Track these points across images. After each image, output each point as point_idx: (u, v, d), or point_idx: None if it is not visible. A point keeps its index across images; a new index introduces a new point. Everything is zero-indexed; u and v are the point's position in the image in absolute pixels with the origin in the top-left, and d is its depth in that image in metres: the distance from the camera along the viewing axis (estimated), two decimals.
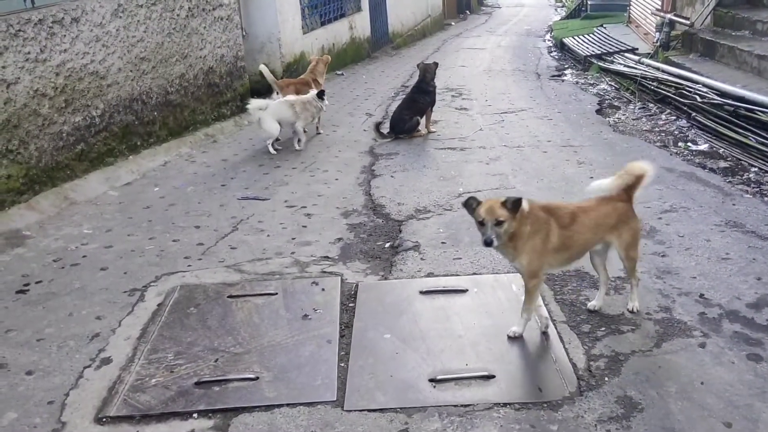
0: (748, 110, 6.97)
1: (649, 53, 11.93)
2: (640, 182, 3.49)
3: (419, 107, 7.79)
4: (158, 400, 3.08)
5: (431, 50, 16.63)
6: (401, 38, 17.44)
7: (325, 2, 12.41)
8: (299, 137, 7.33)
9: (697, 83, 8.34)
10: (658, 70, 9.92)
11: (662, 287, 3.93)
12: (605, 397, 3.00)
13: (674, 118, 8.10)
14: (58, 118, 5.82)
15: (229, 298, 4.00)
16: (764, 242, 4.49)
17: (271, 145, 7.17)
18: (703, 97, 7.86)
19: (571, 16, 22.74)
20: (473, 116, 8.85)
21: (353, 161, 6.91)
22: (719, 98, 7.56)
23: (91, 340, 3.60)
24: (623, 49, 12.85)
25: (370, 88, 11.23)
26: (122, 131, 6.68)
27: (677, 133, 7.53)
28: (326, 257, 4.57)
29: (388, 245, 4.76)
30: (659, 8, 13.03)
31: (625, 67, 11.12)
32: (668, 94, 8.72)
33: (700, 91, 8.05)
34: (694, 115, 7.76)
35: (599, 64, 12.16)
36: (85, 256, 4.69)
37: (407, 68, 13.11)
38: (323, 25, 12.30)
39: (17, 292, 4.17)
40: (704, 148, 6.84)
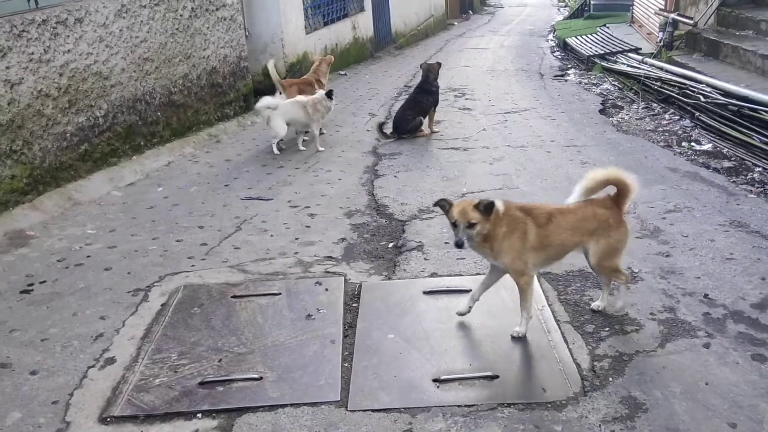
0: (752, 110, 6.95)
1: (652, 53, 11.90)
2: (624, 191, 3.41)
3: (422, 107, 7.79)
4: (162, 400, 3.08)
5: (434, 50, 16.62)
6: (404, 38, 17.44)
7: (328, 2, 12.41)
8: (313, 138, 7.32)
9: (700, 83, 8.32)
10: (661, 69, 9.90)
11: (666, 287, 3.93)
12: (609, 397, 2.99)
13: (678, 117, 8.08)
14: (61, 118, 5.83)
15: (232, 298, 4.01)
16: None
17: (275, 145, 7.17)
18: (706, 96, 7.84)
19: (573, 15, 22.71)
20: (476, 116, 8.85)
21: (356, 161, 6.91)
22: (723, 98, 7.54)
23: (95, 340, 3.60)
24: (626, 48, 12.82)
25: (373, 88, 11.23)
26: (126, 131, 6.69)
27: (681, 132, 7.52)
28: (330, 257, 4.57)
29: (391, 245, 4.76)
30: (662, 8, 12.99)
31: (628, 66, 11.10)
32: (672, 93, 8.70)
33: (703, 90, 8.03)
34: (697, 114, 7.75)
35: (602, 63, 12.14)
36: (89, 256, 4.70)
37: (410, 68, 13.10)
38: (326, 25, 12.30)
39: (21, 292, 4.18)
40: (708, 147, 6.83)
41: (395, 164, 6.75)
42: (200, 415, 2.99)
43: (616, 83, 10.77)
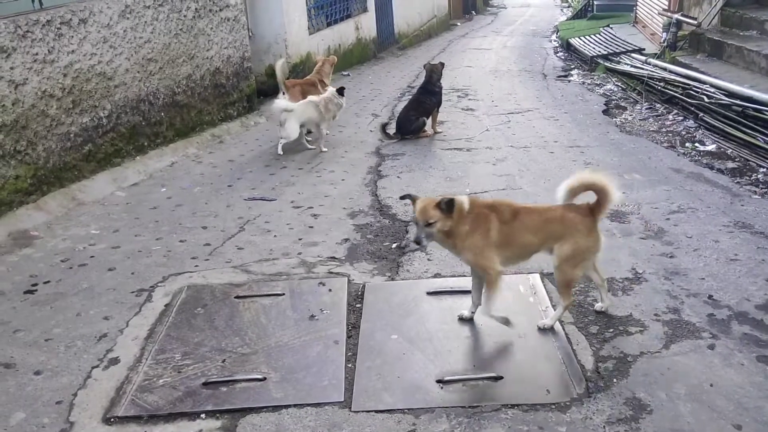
0: (756, 110, 6.92)
1: (655, 53, 11.87)
2: (603, 200, 3.35)
3: (425, 108, 7.78)
4: (166, 400, 3.08)
5: (437, 51, 16.62)
6: (407, 39, 17.44)
7: (331, 3, 12.42)
8: (318, 138, 7.32)
9: (704, 83, 8.29)
10: (665, 70, 9.87)
11: (670, 288, 3.92)
12: (614, 398, 2.99)
13: (681, 118, 8.07)
14: (65, 118, 5.84)
15: (236, 298, 4.01)
16: None
17: (281, 145, 7.16)
18: (710, 97, 7.82)
19: (577, 16, 22.66)
20: (479, 117, 8.84)
21: (360, 162, 6.91)
22: (727, 98, 7.52)
23: (98, 340, 3.61)
24: (630, 49, 12.79)
25: (376, 88, 11.23)
26: (129, 132, 6.70)
27: (684, 133, 7.50)
28: (333, 258, 4.57)
29: (394, 246, 4.75)
30: (666, 8, 12.97)
31: (631, 67, 11.08)
32: (675, 94, 8.68)
33: (707, 91, 8.00)
34: (701, 115, 7.73)
35: (606, 64, 12.11)
36: (92, 256, 4.70)
37: (413, 69, 13.11)
38: (329, 25, 12.31)
39: (25, 292, 4.19)
40: (712, 148, 6.81)
41: (398, 165, 6.75)
42: (204, 415, 2.99)
43: (619, 84, 10.75)
